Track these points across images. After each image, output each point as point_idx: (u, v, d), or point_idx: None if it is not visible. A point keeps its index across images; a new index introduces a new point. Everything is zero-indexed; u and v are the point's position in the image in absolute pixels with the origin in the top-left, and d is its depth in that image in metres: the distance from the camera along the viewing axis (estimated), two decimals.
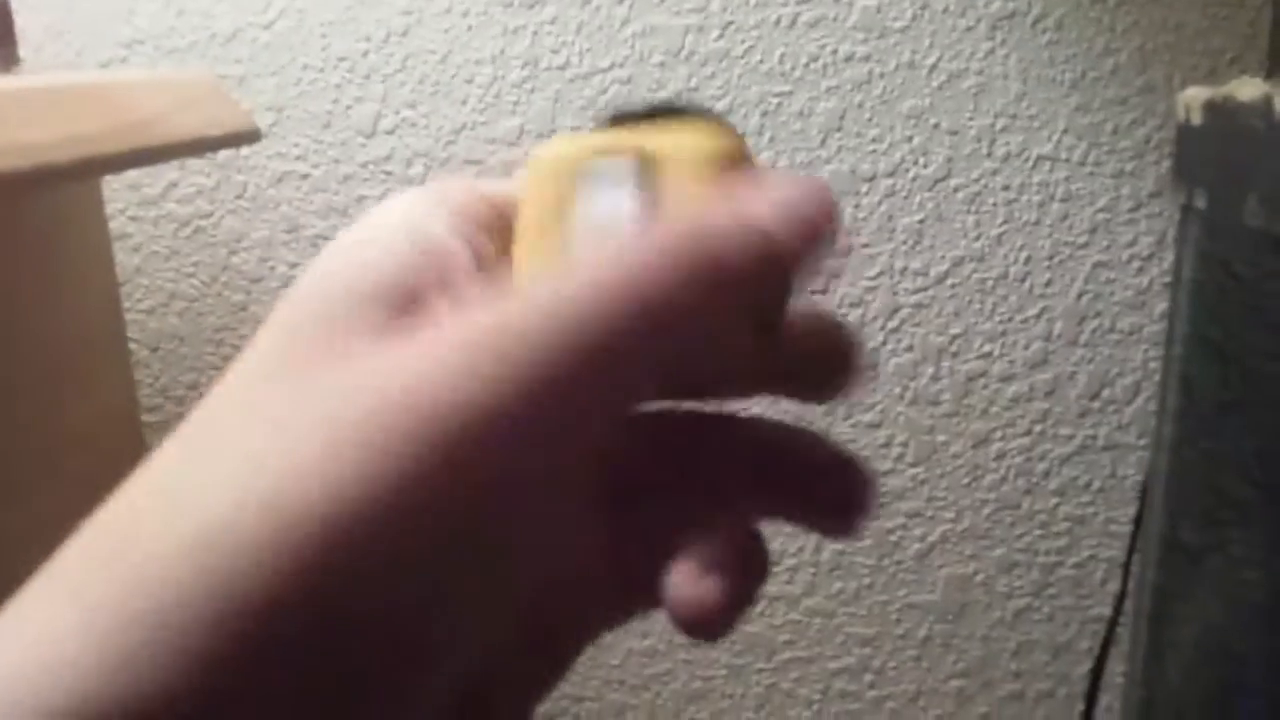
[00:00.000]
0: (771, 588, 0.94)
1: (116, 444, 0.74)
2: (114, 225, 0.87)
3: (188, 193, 0.87)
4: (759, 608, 0.94)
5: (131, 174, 0.86)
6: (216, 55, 0.85)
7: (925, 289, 0.87)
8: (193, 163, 0.86)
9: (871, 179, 0.86)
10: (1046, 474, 0.91)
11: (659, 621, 0.95)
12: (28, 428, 0.63)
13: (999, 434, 0.90)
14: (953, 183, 0.85)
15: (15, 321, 0.62)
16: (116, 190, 0.87)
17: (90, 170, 0.50)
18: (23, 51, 0.69)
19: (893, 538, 0.92)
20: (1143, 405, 0.88)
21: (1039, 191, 0.85)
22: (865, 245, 0.87)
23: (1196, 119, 0.63)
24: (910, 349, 0.88)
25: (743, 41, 0.83)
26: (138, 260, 0.89)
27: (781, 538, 0.92)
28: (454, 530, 0.17)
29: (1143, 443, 0.89)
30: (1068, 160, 0.84)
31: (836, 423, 0.90)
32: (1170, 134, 0.79)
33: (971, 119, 0.84)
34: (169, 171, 0.87)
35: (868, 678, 0.96)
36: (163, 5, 0.84)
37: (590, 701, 0.97)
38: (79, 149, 0.49)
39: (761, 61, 0.84)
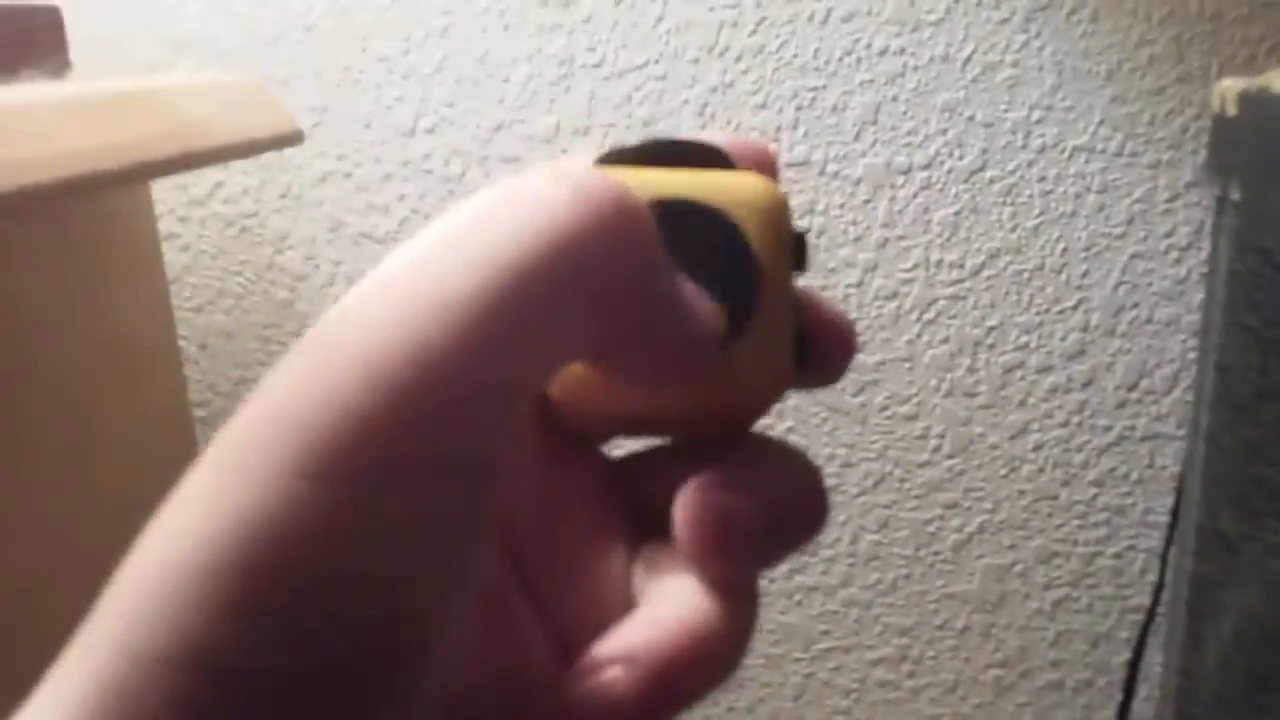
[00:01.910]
0: (808, 579, 0.95)
1: (167, 439, 0.76)
2: (163, 225, 0.89)
3: (234, 193, 0.89)
4: (795, 598, 0.95)
5: (179, 175, 0.88)
6: (260, 57, 0.86)
7: (961, 281, 0.87)
8: (238, 163, 0.88)
9: (907, 172, 0.86)
10: (1084, 465, 0.90)
11: None
12: (81, 424, 0.65)
13: (1036, 425, 0.90)
14: (988, 175, 0.85)
15: (68, 321, 0.64)
16: (165, 191, 0.89)
17: (139, 175, 0.51)
18: (73, 56, 0.71)
19: (930, 528, 0.93)
20: (1181, 395, 0.88)
21: (1075, 183, 0.85)
22: (901, 238, 0.87)
23: (1231, 110, 0.63)
24: (946, 341, 0.89)
25: (777, 36, 0.84)
26: (186, 259, 0.91)
27: None
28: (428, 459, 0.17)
29: (1181, 433, 0.89)
30: (1104, 151, 0.84)
31: (872, 414, 0.90)
32: (1207, 124, 0.78)
33: (1007, 111, 0.84)
34: (215, 172, 0.89)
35: (905, 667, 0.96)
36: (207, 9, 0.86)
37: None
38: (128, 155, 0.50)
39: (796, 56, 0.84)
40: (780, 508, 0.22)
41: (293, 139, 0.67)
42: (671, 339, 0.21)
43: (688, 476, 0.22)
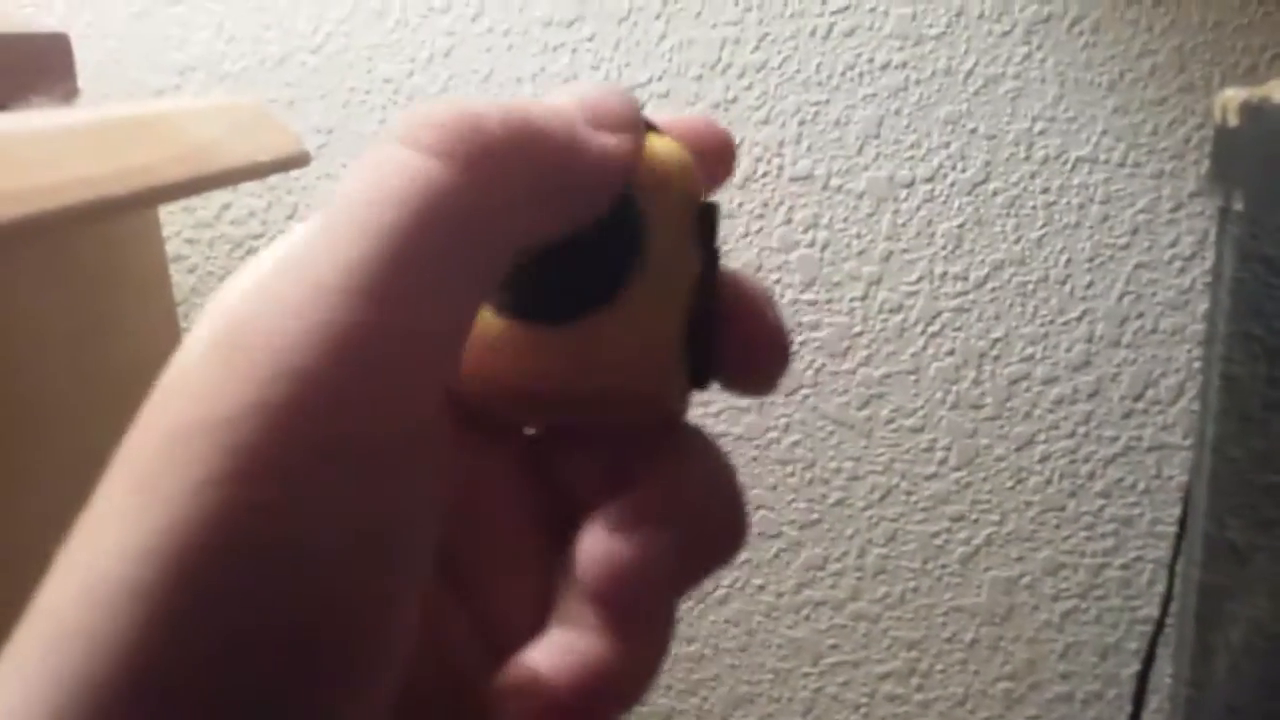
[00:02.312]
0: (816, 593, 0.95)
1: None
2: (170, 248, 0.89)
3: (240, 214, 0.90)
4: (804, 612, 0.95)
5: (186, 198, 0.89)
6: (267, 79, 0.87)
7: (966, 293, 0.88)
8: (245, 185, 0.89)
9: (910, 185, 0.86)
10: (1091, 475, 0.90)
11: (704, 626, 0.96)
12: (91, 449, 0.65)
13: (1042, 436, 0.90)
14: (991, 187, 0.86)
15: (76, 345, 0.65)
16: (172, 213, 0.89)
17: (146, 200, 0.52)
18: (81, 82, 0.72)
19: (937, 541, 0.93)
20: (1187, 405, 0.88)
21: (1078, 194, 0.85)
22: (905, 251, 0.87)
23: (1233, 120, 0.63)
24: (952, 353, 0.89)
25: (779, 52, 0.84)
26: (194, 281, 0.92)
27: (825, 543, 0.93)
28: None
29: (1188, 443, 0.89)
30: (1107, 162, 0.84)
31: (878, 427, 0.90)
32: (1210, 133, 0.78)
33: (1009, 123, 0.84)
34: (222, 194, 0.89)
35: (914, 681, 0.96)
36: (214, 33, 0.86)
37: (636, 706, 0.98)
38: (135, 180, 0.51)
39: (798, 71, 0.85)
40: (695, 535, 0.21)
41: (299, 160, 0.67)
42: (576, 175, 0.20)
43: (606, 466, 0.22)
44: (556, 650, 0.20)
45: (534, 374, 0.21)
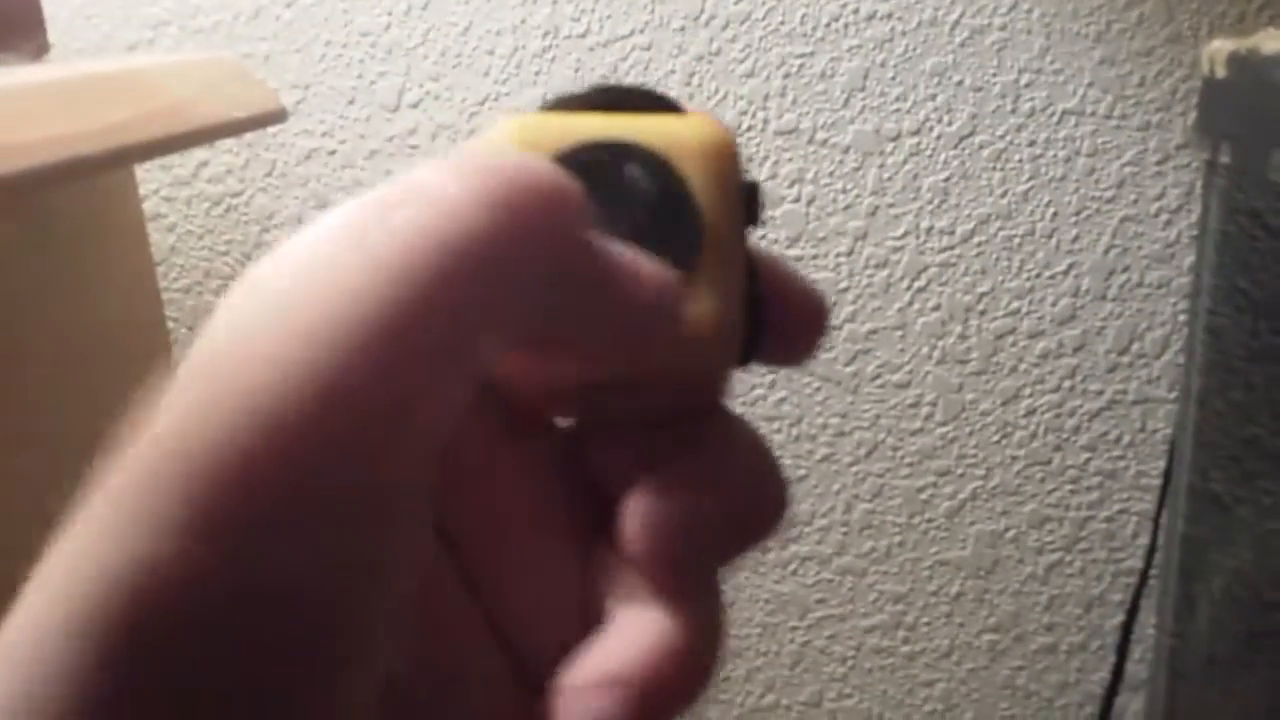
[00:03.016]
0: (802, 548, 0.95)
1: None
2: (148, 206, 0.88)
3: (218, 172, 0.89)
4: (790, 567, 0.95)
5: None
6: (241, 34, 0.86)
7: (951, 248, 0.87)
8: (222, 142, 0.87)
9: (896, 138, 0.85)
10: (1076, 429, 0.91)
11: None
12: (70, 407, 0.64)
13: (1028, 391, 0.90)
14: (977, 140, 0.85)
15: (55, 305, 0.64)
16: (149, 171, 0.88)
17: (121, 159, 0.51)
18: (51, 37, 0.70)
19: (923, 496, 0.93)
20: (1172, 359, 0.88)
21: (1065, 146, 0.85)
22: (890, 205, 0.87)
23: (1221, 72, 0.62)
24: (937, 308, 0.89)
25: (763, 3, 0.83)
26: (172, 240, 0.90)
27: (811, 499, 0.93)
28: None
29: (1173, 396, 0.89)
30: (1093, 114, 0.84)
31: (864, 383, 0.90)
32: (1197, 85, 0.78)
33: (995, 75, 0.84)
34: (199, 152, 0.88)
35: (900, 634, 0.97)
36: None
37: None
38: (109, 139, 0.50)
39: (783, 23, 0.84)
40: (738, 503, 0.21)
41: (276, 117, 0.66)
42: (612, 312, 0.19)
43: (643, 457, 0.21)
44: (623, 645, 0.20)
45: (587, 370, 0.21)
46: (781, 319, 0.22)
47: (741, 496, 0.21)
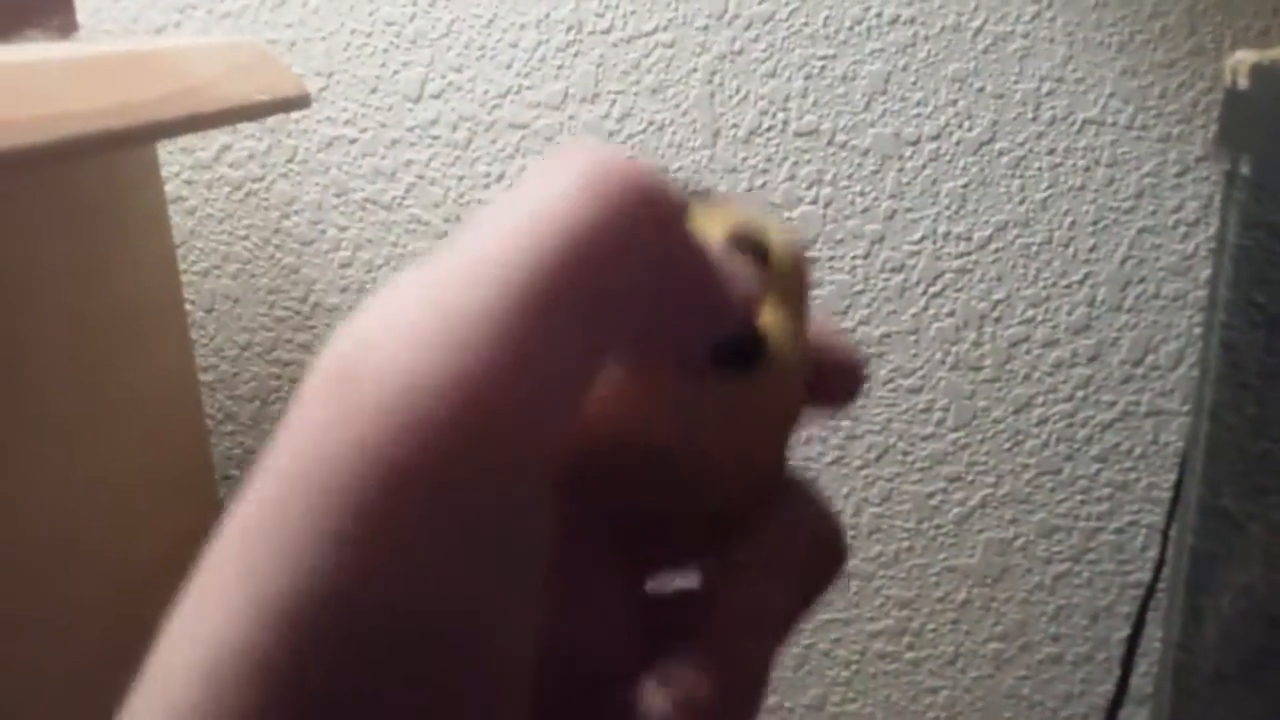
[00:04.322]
0: None
1: (174, 401, 0.76)
2: (169, 189, 0.89)
3: (240, 157, 0.89)
4: None
5: (185, 139, 0.88)
6: (267, 20, 0.86)
7: (968, 254, 0.87)
8: (244, 127, 0.88)
9: (915, 143, 0.85)
10: (1088, 440, 0.90)
11: None
12: (87, 387, 0.65)
13: (1041, 399, 0.90)
14: (997, 147, 0.85)
15: (75, 284, 0.64)
16: (171, 154, 0.89)
17: (144, 137, 0.51)
18: (80, 18, 0.71)
19: (933, 502, 0.93)
20: (1186, 371, 0.88)
21: (1084, 156, 0.85)
22: (908, 210, 0.87)
23: (1243, 83, 0.62)
24: (952, 314, 0.89)
25: (787, 4, 0.83)
26: (192, 223, 0.91)
27: None
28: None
29: (1185, 409, 0.89)
30: (1114, 124, 0.84)
31: (877, 387, 0.90)
32: (1219, 97, 0.78)
33: (1017, 82, 0.84)
34: (222, 136, 0.88)
35: (906, 639, 0.97)
36: None
37: None
38: (133, 116, 0.50)
39: (806, 24, 0.84)
40: (807, 588, 0.21)
41: (300, 102, 0.67)
42: (709, 307, 0.19)
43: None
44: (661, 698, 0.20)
45: (687, 428, 0.21)
46: (828, 383, 0.23)
47: (805, 573, 0.21)
